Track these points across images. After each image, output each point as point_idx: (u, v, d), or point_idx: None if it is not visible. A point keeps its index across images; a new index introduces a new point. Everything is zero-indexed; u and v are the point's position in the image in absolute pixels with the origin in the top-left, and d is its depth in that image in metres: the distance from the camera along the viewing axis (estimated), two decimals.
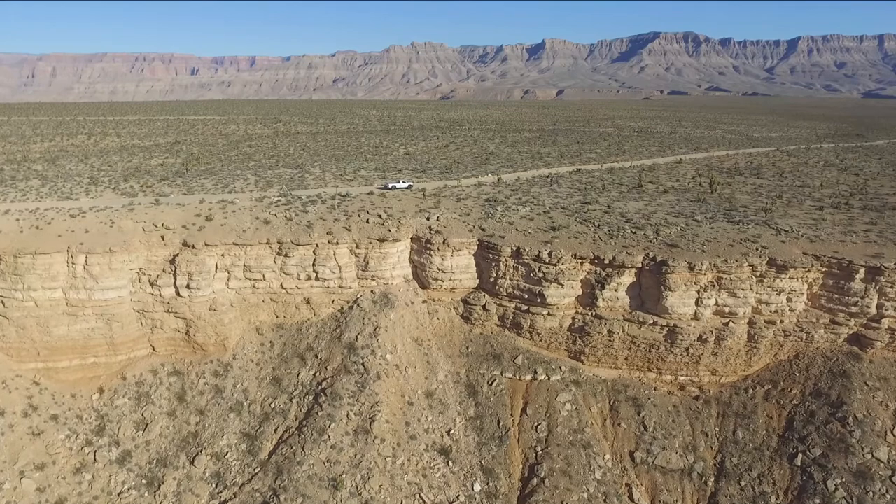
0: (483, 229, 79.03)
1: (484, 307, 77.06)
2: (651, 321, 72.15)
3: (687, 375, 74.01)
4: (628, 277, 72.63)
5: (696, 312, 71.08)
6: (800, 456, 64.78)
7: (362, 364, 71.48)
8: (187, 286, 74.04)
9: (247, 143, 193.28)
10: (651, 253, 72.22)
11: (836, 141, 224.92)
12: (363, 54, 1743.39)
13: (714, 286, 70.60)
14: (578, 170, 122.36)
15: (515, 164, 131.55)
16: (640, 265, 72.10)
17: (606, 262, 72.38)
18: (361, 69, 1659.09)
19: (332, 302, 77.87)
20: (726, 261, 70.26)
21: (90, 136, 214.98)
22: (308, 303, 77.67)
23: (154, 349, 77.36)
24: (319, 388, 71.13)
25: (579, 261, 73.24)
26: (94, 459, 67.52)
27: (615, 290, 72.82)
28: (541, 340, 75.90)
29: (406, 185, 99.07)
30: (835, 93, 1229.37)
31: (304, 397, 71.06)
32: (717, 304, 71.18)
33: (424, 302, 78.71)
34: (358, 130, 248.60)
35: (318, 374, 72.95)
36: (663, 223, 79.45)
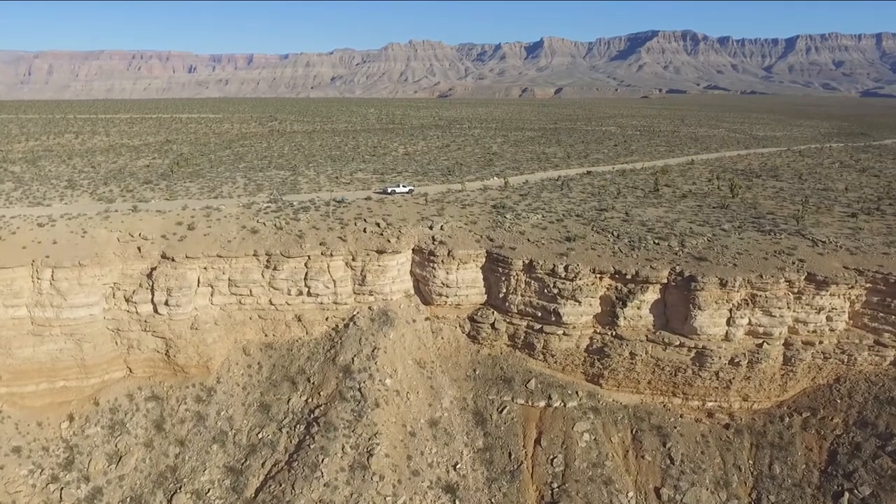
0: (491, 239, 72.25)
1: (493, 325, 70.31)
2: (677, 342, 65.52)
3: (716, 401, 67.45)
4: (652, 294, 65.97)
5: (727, 333, 64.46)
6: (846, 495, 58.13)
7: (359, 390, 64.67)
8: (166, 303, 67.20)
9: (240, 142, 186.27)
10: (677, 267, 65.57)
11: (842, 140, 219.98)
12: (361, 52, 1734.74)
13: (748, 304, 63.97)
14: (589, 172, 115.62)
15: (521, 166, 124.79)
16: (665, 280, 65.45)
17: (628, 276, 65.70)
18: (359, 67, 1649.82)
19: (326, 320, 71.06)
20: (761, 276, 63.63)
21: (78, 134, 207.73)
22: (299, 320, 70.86)
23: (131, 371, 70.53)
24: (312, 416, 64.32)
25: (598, 275, 66.55)
26: (60, 498, 60.66)
27: (638, 308, 66.15)
28: (555, 362, 69.20)
29: (406, 189, 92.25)
30: (833, 91, 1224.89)
31: (294, 427, 64.26)
32: (750, 323, 64.59)
33: (427, 319, 71.94)
34: (356, 129, 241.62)
35: (310, 400, 66.14)
36: (688, 233, 72.74)
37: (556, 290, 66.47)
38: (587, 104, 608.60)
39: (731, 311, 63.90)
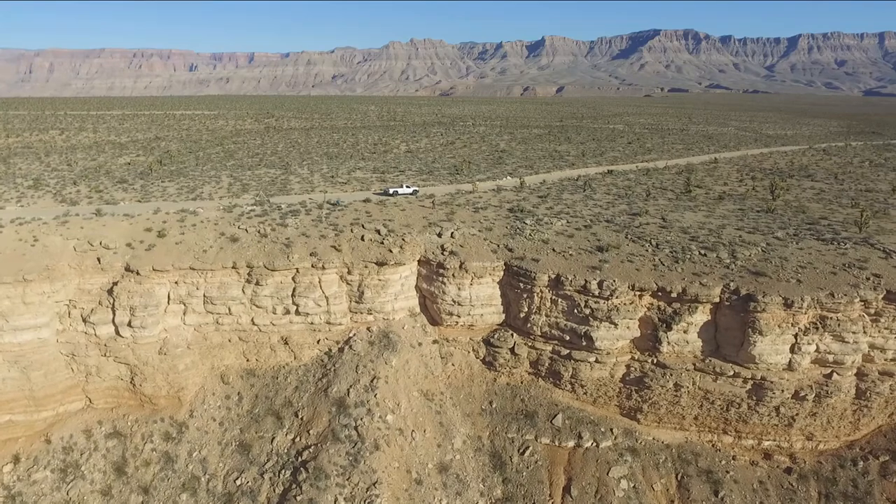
0: (510, 249, 62.18)
1: (512, 350, 60.28)
2: (731, 372, 55.54)
3: (774, 440, 57.52)
4: (702, 315, 55.95)
5: (790, 361, 54.50)
6: None
7: (355, 428, 54.59)
8: (129, 323, 57.27)
9: (232, 139, 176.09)
10: (731, 283, 55.51)
11: (856, 139, 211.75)
12: (362, 51, 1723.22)
13: (816, 328, 53.89)
14: (610, 171, 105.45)
15: (535, 164, 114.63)
16: (717, 300, 55.40)
17: (673, 294, 55.63)
18: (360, 66, 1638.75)
19: (318, 343, 61.06)
20: (832, 295, 53.58)
21: (63, 131, 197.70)
22: (286, 344, 60.87)
23: (91, 402, 60.61)
24: (299, 459, 54.24)
25: (638, 293, 56.51)
26: None
27: (684, 332, 56.15)
28: (585, 394, 59.17)
29: (410, 190, 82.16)
30: (836, 91, 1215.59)
31: (279, 472, 54.19)
32: (818, 350, 54.62)
33: (435, 343, 61.88)
34: (355, 126, 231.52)
35: (298, 439, 56.10)
36: (738, 242, 62.68)
37: (588, 311, 56.44)
38: (590, 102, 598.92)
39: (796, 336, 53.87)
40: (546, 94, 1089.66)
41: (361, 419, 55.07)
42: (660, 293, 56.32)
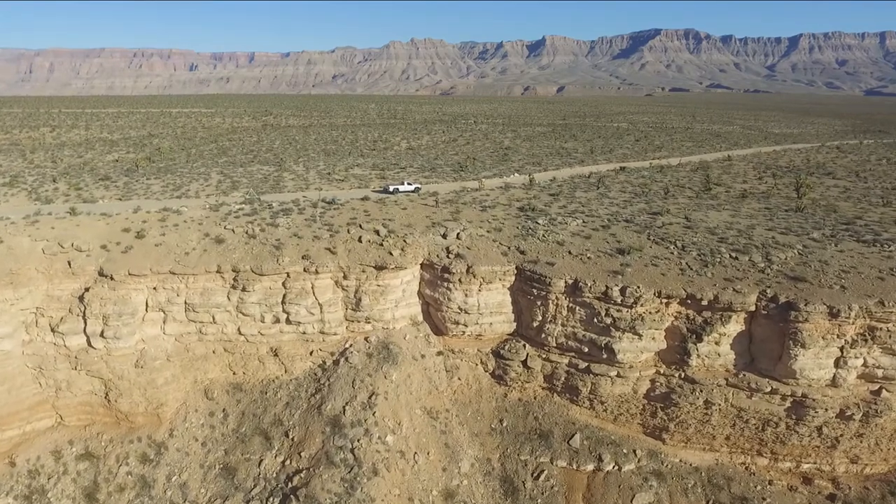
0: (522, 252, 56.75)
1: (524, 363, 54.84)
2: (768, 388, 50.10)
3: (815, 463, 52.06)
4: (735, 325, 50.53)
5: (834, 377, 49.02)
6: None
7: (351, 451, 49.15)
8: (102, 334, 51.95)
9: (228, 136, 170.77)
10: (768, 290, 50.06)
11: (864, 137, 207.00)
12: (362, 50, 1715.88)
13: (864, 340, 48.43)
14: (623, 168, 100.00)
15: (543, 161, 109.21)
16: (753, 308, 49.97)
17: (704, 302, 50.21)
18: (361, 65, 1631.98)
19: (311, 354, 55.65)
20: (882, 303, 48.11)
21: (54, 128, 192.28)
22: (276, 355, 55.46)
23: (62, 419, 55.18)
24: (289, 485, 48.82)
25: (664, 301, 51.06)
26: None
27: (716, 344, 50.72)
28: (605, 411, 53.73)
29: (412, 187, 76.76)
30: (837, 90, 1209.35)
31: (266, 499, 48.77)
32: (865, 364, 49.17)
33: (440, 354, 56.43)
34: (355, 124, 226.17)
35: (288, 462, 50.67)
36: (772, 244, 57.23)
37: (609, 320, 51.00)
38: (592, 102, 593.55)
39: (842, 348, 48.42)
40: (547, 93, 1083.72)
41: (358, 440, 49.64)
42: (689, 301, 50.89)
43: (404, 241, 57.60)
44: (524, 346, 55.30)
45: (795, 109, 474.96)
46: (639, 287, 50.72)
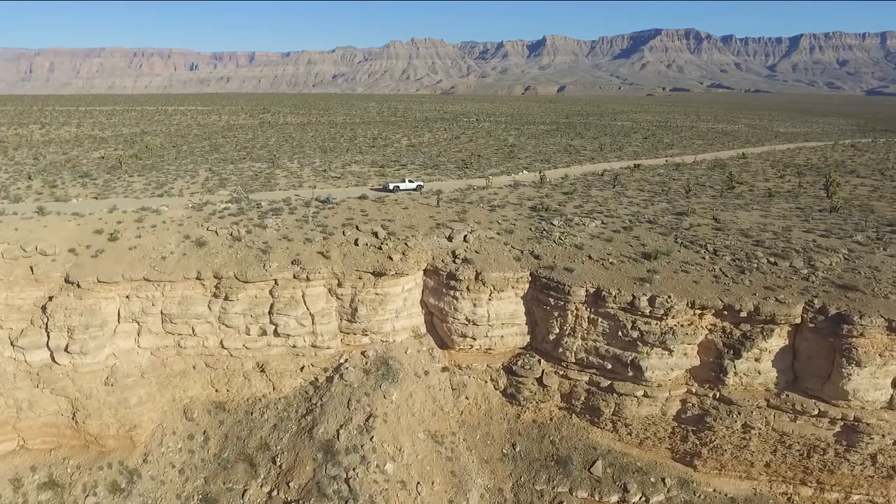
0: (537, 256, 51.14)
1: (540, 380, 49.22)
2: (815, 410, 44.52)
3: (867, 494, 46.38)
4: (778, 340, 44.93)
5: (892, 398, 43.42)
6: None
7: (346, 481, 43.58)
8: (66, 348, 46.29)
9: (223, 134, 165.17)
10: (815, 300, 44.48)
11: (866, 136, 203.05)
12: (363, 50, 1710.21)
13: None
14: (637, 166, 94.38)
15: (551, 158, 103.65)
16: (798, 320, 44.39)
17: (743, 314, 44.60)
18: (361, 65, 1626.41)
19: (301, 370, 50.06)
20: None
21: (44, 125, 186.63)
22: (263, 371, 49.88)
23: (24, 441, 49.61)
24: None
25: (698, 312, 45.46)
26: None
27: (756, 360, 45.11)
28: (630, 435, 48.14)
29: (413, 185, 71.24)
30: (838, 90, 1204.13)
31: None
32: None
33: (445, 370, 50.80)
34: (354, 122, 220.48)
35: (275, 493, 45.09)
36: (813, 248, 51.64)
37: (635, 333, 45.42)
38: (593, 101, 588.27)
39: None
40: (547, 93, 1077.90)
41: (354, 469, 44.07)
42: (725, 312, 45.28)
43: (405, 244, 52.00)
44: (539, 361, 49.64)
45: (798, 109, 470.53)
46: (670, 297, 45.12)
